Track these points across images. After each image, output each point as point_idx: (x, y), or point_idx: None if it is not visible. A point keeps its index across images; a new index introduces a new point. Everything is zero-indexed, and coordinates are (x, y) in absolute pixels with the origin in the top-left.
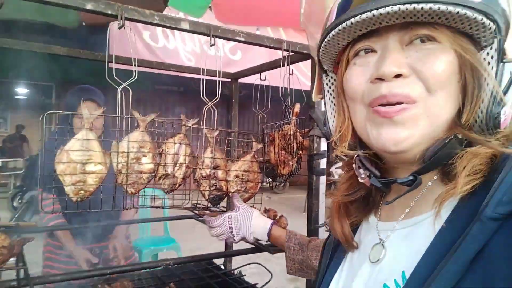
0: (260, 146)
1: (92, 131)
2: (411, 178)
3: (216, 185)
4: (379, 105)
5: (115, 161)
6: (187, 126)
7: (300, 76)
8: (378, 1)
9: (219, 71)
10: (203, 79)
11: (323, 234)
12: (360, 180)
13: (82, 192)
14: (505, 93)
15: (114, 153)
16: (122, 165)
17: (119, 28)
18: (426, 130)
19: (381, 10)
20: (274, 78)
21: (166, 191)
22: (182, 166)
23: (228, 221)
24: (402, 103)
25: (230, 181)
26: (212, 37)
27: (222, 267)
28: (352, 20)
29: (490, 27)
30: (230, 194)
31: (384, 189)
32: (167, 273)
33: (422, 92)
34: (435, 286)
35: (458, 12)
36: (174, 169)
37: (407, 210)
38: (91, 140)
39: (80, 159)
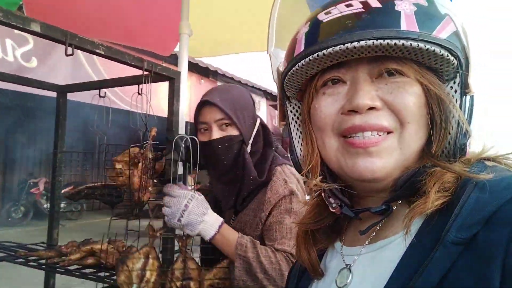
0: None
1: None
2: (384, 207)
3: None
4: (351, 137)
5: None
6: (156, 236)
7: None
8: (351, 35)
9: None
10: None
11: None
12: (332, 210)
13: None
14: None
15: None
16: None
17: None
18: (400, 160)
19: (355, 44)
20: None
21: None
22: (150, 282)
23: (188, 200)
24: (375, 133)
25: None
26: (70, 46)
27: None
28: (325, 51)
29: (454, 63)
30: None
31: (356, 217)
32: None
33: (396, 124)
34: None
35: (427, 49)
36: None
37: (372, 234)
38: None
39: None
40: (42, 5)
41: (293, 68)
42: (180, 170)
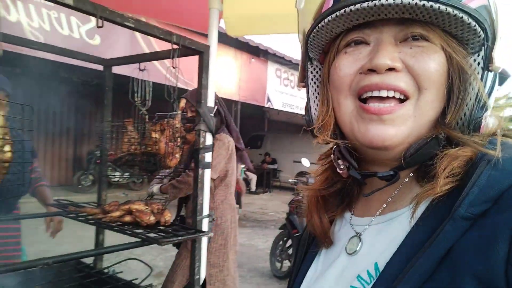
0: None
1: None
2: (391, 173)
3: None
4: (367, 98)
5: None
6: None
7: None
8: None
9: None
10: None
11: (206, 224)
12: (338, 171)
13: None
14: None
15: None
16: None
17: None
18: (413, 129)
19: (383, 1)
20: (153, 71)
21: None
22: None
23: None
24: (392, 98)
25: None
26: (100, 18)
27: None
28: (352, 7)
29: (480, 35)
30: None
31: (362, 181)
32: (29, 277)
33: (414, 89)
34: (408, 279)
35: (455, 15)
36: None
37: (384, 206)
38: None
39: None
40: None
41: (320, 25)
42: (209, 141)
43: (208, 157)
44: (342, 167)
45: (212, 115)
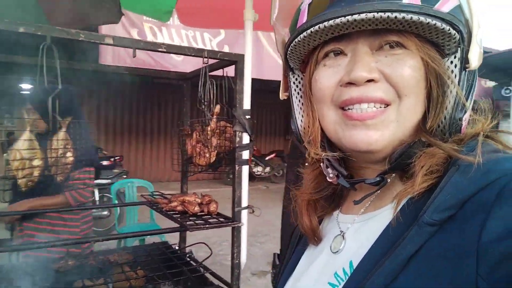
0: None
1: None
2: (378, 179)
3: None
4: (350, 109)
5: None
6: None
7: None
8: (352, 7)
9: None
10: None
11: (245, 215)
12: (328, 180)
13: (30, 183)
14: (466, 99)
15: (49, 149)
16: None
17: (44, 48)
18: (396, 134)
19: (356, 17)
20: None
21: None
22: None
23: None
24: (373, 106)
25: None
26: (136, 49)
27: (176, 247)
28: (326, 23)
29: (455, 37)
30: None
31: (351, 188)
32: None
33: (394, 97)
34: (374, 279)
35: (428, 23)
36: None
37: (367, 205)
38: (34, 140)
39: (28, 156)
40: (191, 10)
41: (296, 39)
42: (246, 140)
43: (245, 154)
44: (331, 175)
45: (249, 116)
